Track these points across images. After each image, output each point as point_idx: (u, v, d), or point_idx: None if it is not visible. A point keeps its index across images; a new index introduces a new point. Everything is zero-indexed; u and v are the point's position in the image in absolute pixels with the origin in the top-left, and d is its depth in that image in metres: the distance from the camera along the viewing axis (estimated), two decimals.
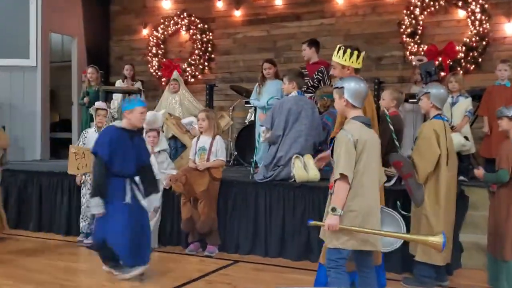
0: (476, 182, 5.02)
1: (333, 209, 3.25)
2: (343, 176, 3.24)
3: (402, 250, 4.02)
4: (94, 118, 6.01)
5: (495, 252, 4.18)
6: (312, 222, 3.40)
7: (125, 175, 4.37)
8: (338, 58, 3.96)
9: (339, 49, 3.96)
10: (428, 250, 4.18)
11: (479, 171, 4.29)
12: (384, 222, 3.54)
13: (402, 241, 3.60)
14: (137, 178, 4.45)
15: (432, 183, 4.24)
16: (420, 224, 4.25)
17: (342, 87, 3.42)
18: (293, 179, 5.19)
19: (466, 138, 5.67)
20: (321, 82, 6.28)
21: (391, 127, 4.79)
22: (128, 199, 4.33)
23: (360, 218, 3.26)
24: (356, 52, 3.92)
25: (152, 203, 4.61)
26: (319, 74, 6.26)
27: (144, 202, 4.49)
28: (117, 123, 4.53)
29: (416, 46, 7.75)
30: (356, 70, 3.95)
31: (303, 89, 5.90)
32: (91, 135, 5.93)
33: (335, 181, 3.29)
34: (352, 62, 3.92)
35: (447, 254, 4.29)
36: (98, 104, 5.98)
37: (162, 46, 9.73)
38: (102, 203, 4.26)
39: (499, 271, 4.15)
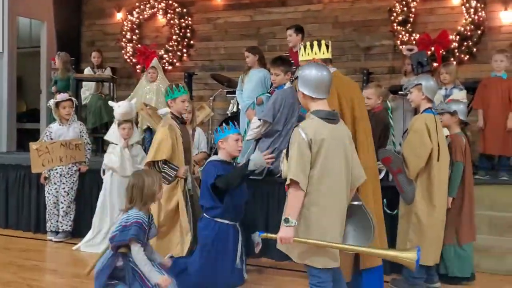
0: None
1: (286, 220, 3.04)
2: (294, 182, 3.02)
3: None
4: (53, 112, 5.86)
5: (451, 239, 4.39)
6: (263, 235, 3.26)
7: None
8: (301, 56, 3.80)
9: (300, 48, 3.84)
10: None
11: None
12: (354, 218, 3.44)
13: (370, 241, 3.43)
14: None
15: (423, 179, 4.23)
16: (409, 222, 4.24)
17: (297, 77, 3.23)
18: (279, 174, 5.14)
19: None
20: None
21: (392, 122, 4.79)
22: None
23: (319, 230, 3.07)
24: (316, 42, 3.80)
25: None
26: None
27: None
28: (215, 158, 4.35)
29: (407, 35, 7.74)
30: (327, 61, 3.79)
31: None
32: (56, 130, 5.82)
33: (287, 186, 3.09)
34: (316, 53, 3.77)
35: (436, 254, 4.31)
36: (61, 96, 5.83)
37: (137, 31, 9.59)
38: None
39: (454, 257, 4.43)
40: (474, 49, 7.40)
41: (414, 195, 4.23)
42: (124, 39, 9.58)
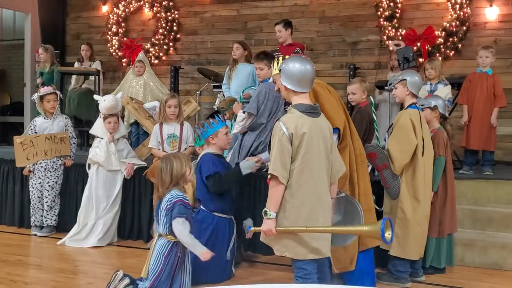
0: (454, 174, 5.08)
1: (265, 212, 3.16)
2: (274, 176, 3.12)
3: None
4: (37, 106, 5.82)
5: (435, 232, 4.46)
6: (252, 229, 3.34)
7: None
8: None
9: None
10: (404, 245, 4.24)
11: None
12: (346, 212, 3.52)
13: (355, 238, 3.56)
14: None
15: (408, 174, 4.28)
16: (395, 217, 4.28)
17: (280, 70, 3.27)
18: (265, 169, 5.16)
19: None
20: None
21: (375, 117, 4.83)
22: None
23: (300, 221, 3.15)
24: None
25: None
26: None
27: None
28: (209, 151, 4.42)
29: (394, 30, 7.78)
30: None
31: None
32: (40, 124, 5.79)
33: (269, 180, 3.18)
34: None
35: (421, 248, 4.37)
36: (45, 90, 5.79)
37: (123, 24, 9.53)
38: None
39: (439, 249, 4.52)
40: (460, 45, 7.46)
41: (399, 190, 4.27)
42: (109, 32, 9.52)
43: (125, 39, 9.39)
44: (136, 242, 5.60)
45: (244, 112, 5.24)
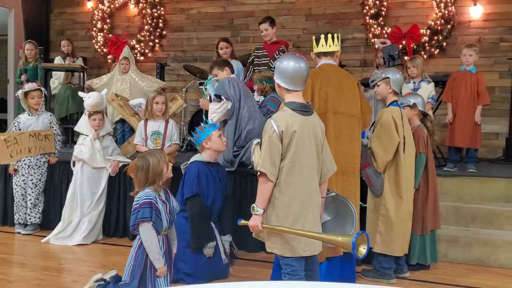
0: (438, 171, 5.14)
1: (253, 208, 3.20)
2: (263, 173, 3.15)
3: None
4: (21, 102, 5.77)
5: (418, 229, 4.52)
6: (242, 222, 3.34)
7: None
8: (315, 49, 4.00)
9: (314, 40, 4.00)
10: (388, 241, 4.29)
11: None
12: (338, 212, 3.55)
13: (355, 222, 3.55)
14: None
15: (391, 172, 4.31)
16: (378, 214, 4.32)
17: (274, 68, 3.32)
18: (250, 166, 5.17)
19: None
20: None
21: None
22: None
23: (289, 218, 3.17)
24: (314, 37, 3.96)
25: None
26: (281, 53, 6.20)
27: None
28: (199, 158, 4.42)
29: (379, 28, 7.84)
30: (324, 55, 3.96)
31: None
32: (24, 121, 5.74)
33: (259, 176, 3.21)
34: (323, 46, 3.94)
35: (405, 244, 4.41)
36: (29, 86, 5.73)
37: (108, 20, 9.48)
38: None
39: (424, 246, 4.57)
40: (444, 43, 7.54)
41: (382, 188, 4.31)
42: (94, 29, 9.46)
43: (110, 35, 9.34)
44: (122, 239, 5.58)
45: (218, 98, 5.18)
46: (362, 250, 3.10)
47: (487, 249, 4.86)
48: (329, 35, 3.90)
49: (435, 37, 7.52)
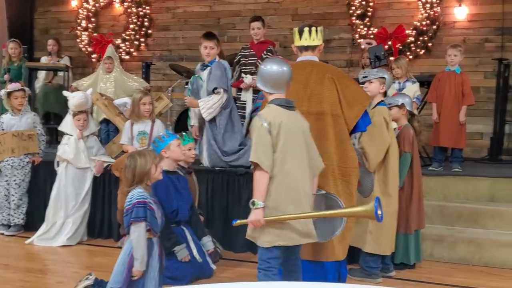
0: (424, 171, 5.18)
1: (253, 203, 3.16)
2: (257, 165, 3.14)
3: None
4: (4, 102, 5.72)
5: (403, 228, 4.53)
6: (237, 222, 3.30)
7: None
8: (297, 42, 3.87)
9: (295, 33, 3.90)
10: (378, 240, 4.31)
11: None
12: (321, 208, 3.54)
13: (342, 227, 3.52)
14: None
15: (381, 171, 4.35)
16: None
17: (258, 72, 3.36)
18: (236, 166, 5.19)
19: None
20: None
21: None
22: None
23: (291, 206, 3.18)
24: (296, 29, 3.84)
25: None
26: (269, 53, 6.20)
27: None
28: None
29: (365, 28, 7.87)
30: (305, 49, 3.81)
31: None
32: (8, 121, 5.68)
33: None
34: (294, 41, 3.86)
35: (393, 243, 4.45)
36: (12, 86, 5.68)
37: (93, 19, 9.41)
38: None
39: (407, 245, 4.58)
40: (430, 44, 7.59)
41: (372, 188, 4.32)
42: (79, 28, 9.39)
43: (95, 34, 9.27)
44: (106, 240, 5.54)
45: (214, 92, 5.19)
46: (380, 213, 3.15)
47: (472, 248, 4.91)
48: (313, 28, 3.77)
49: (421, 38, 7.57)
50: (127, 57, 9.13)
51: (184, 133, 4.86)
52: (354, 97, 3.76)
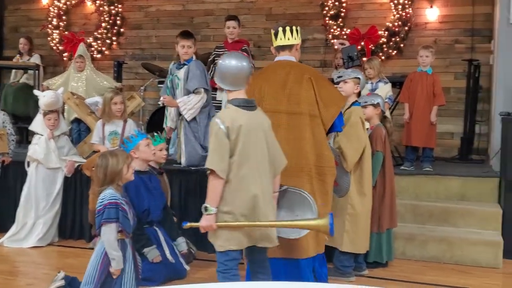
0: (396, 170, 5.24)
1: (205, 208, 3.13)
2: (212, 171, 3.11)
3: None
4: None
5: (375, 227, 4.58)
6: (188, 224, 3.29)
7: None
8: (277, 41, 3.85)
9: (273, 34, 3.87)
10: (355, 240, 4.37)
11: None
12: (294, 204, 3.54)
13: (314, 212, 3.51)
14: None
15: (357, 172, 4.39)
16: (345, 214, 4.35)
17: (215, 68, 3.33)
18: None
19: None
20: None
21: None
22: None
23: (246, 212, 3.16)
24: (272, 31, 3.85)
25: None
26: (244, 53, 6.18)
27: None
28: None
29: (339, 29, 7.93)
30: (282, 49, 3.81)
31: None
32: None
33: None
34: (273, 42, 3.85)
35: (367, 241, 4.50)
36: None
37: (64, 17, 9.27)
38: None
39: (380, 244, 4.64)
40: (402, 45, 7.68)
41: (348, 187, 4.35)
42: (50, 26, 9.24)
43: (66, 32, 9.14)
44: (78, 242, 5.48)
45: (194, 92, 5.15)
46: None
47: (443, 247, 4.99)
48: (287, 28, 3.77)
49: (393, 39, 7.66)
50: (99, 56, 9.03)
51: (155, 134, 4.83)
52: (331, 98, 3.80)
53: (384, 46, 7.68)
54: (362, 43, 7.57)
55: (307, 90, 3.73)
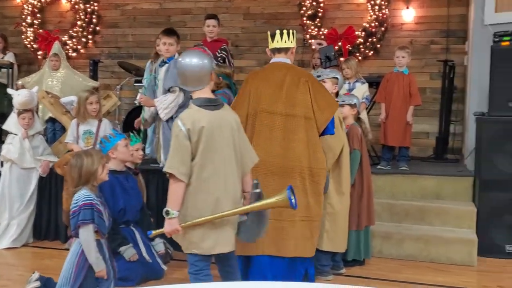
0: (372, 169, 5.29)
1: (167, 212, 3.10)
2: (171, 174, 3.08)
3: None
4: None
5: (354, 225, 4.61)
6: (153, 233, 3.28)
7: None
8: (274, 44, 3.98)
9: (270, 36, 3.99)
10: (334, 238, 4.39)
11: None
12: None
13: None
14: None
15: (336, 171, 4.41)
16: (324, 212, 4.34)
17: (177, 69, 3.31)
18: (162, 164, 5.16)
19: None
20: (226, 61, 6.18)
21: None
22: None
23: (208, 215, 3.12)
24: (269, 33, 3.96)
25: None
26: (223, 52, 6.18)
27: None
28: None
29: (316, 29, 7.97)
30: (277, 51, 3.94)
31: None
32: None
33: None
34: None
35: (346, 240, 4.54)
36: None
37: (38, 15, 9.15)
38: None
39: (359, 242, 4.68)
40: (378, 45, 7.76)
41: (328, 187, 4.36)
42: (24, 23, 9.11)
43: (41, 31, 9.02)
44: (53, 242, 5.42)
45: (169, 91, 5.10)
46: (293, 201, 3.18)
47: (419, 245, 5.05)
48: (285, 31, 3.88)
49: (370, 39, 7.73)
50: (74, 54, 8.93)
51: (131, 133, 4.79)
52: (325, 102, 3.92)
53: (361, 46, 7.74)
54: (340, 43, 7.62)
55: (304, 93, 3.82)
